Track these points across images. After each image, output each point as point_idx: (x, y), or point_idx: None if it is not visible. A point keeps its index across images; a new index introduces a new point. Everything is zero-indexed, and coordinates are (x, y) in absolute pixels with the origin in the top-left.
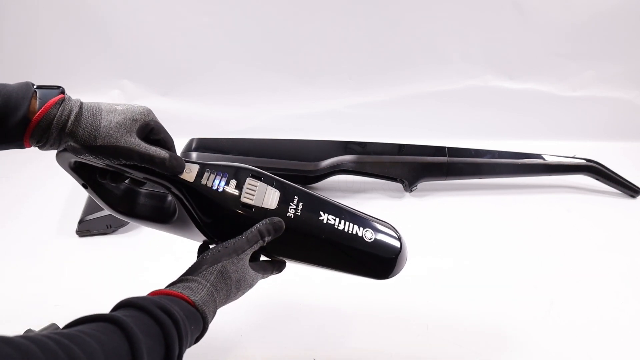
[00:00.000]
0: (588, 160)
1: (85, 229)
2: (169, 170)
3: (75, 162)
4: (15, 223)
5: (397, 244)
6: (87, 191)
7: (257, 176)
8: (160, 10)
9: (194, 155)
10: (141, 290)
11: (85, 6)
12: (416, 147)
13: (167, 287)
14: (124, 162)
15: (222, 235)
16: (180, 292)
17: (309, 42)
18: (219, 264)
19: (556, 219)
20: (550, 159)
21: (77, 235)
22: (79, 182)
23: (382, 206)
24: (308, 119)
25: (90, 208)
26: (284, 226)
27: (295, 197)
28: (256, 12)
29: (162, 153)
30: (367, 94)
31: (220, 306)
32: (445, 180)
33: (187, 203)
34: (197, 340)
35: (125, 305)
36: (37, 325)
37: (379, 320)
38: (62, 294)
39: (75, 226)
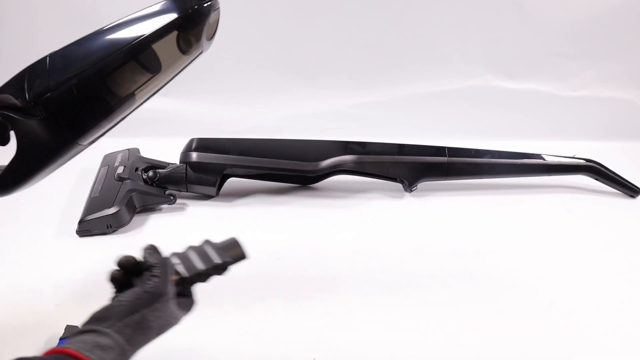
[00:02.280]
0: (588, 160)
1: (86, 229)
2: None
3: None
4: (15, 223)
5: None
6: None
7: None
8: None
9: (194, 155)
10: None
11: (85, 6)
12: (416, 147)
13: (71, 337)
14: None
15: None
16: (86, 355)
17: (309, 42)
18: (138, 315)
19: (556, 219)
20: (550, 159)
21: (77, 235)
22: None
23: (382, 206)
24: (308, 119)
25: (90, 208)
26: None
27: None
28: (256, 12)
29: None
30: (367, 94)
31: (135, 352)
32: (445, 180)
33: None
34: None
35: None
36: (38, 326)
37: (379, 320)
38: (62, 294)
39: (75, 226)
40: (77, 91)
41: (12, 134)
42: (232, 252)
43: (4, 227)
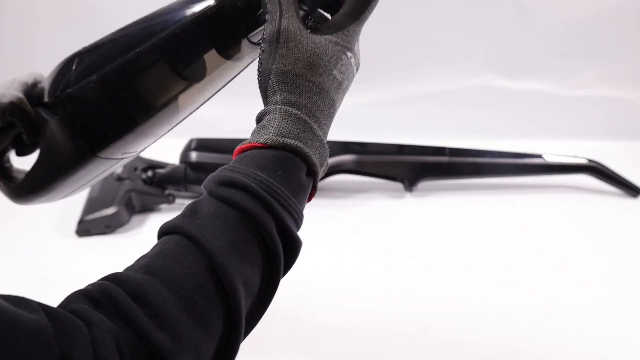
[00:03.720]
0: (589, 160)
1: (85, 229)
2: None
3: None
4: (15, 223)
5: None
6: None
7: None
8: None
9: (193, 155)
10: None
11: (85, 6)
12: (416, 147)
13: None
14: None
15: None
16: (249, 143)
17: None
18: (271, 75)
19: (557, 219)
20: (551, 159)
21: (76, 235)
22: None
23: (382, 206)
24: None
25: (90, 208)
26: None
27: None
28: None
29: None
30: (367, 94)
31: (328, 110)
32: (445, 180)
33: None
34: (314, 177)
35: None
36: None
37: (378, 320)
38: (62, 294)
39: (74, 226)
40: (97, 91)
41: None
42: None
43: (3, 227)
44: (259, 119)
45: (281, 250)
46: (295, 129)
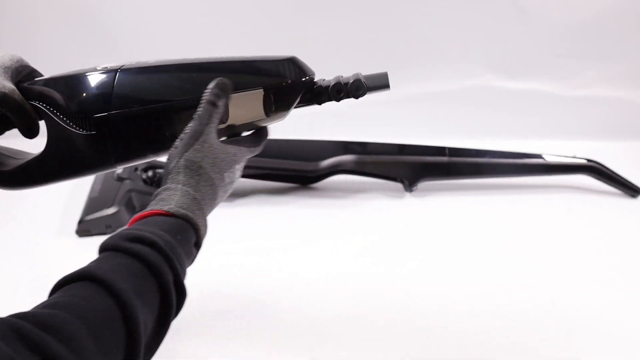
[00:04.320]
0: (589, 160)
1: (85, 229)
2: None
3: None
4: (15, 223)
5: (289, 55)
6: None
7: None
8: (161, 10)
9: None
10: None
11: (85, 6)
12: (416, 147)
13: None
14: None
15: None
16: (151, 210)
17: (309, 42)
18: (182, 160)
19: (557, 219)
20: (550, 159)
21: (76, 235)
22: None
23: (382, 206)
24: (308, 119)
25: (89, 208)
26: (230, 82)
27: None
28: (256, 12)
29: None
30: (367, 94)
31: (211, 201)
32: (445, 180)
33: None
34: (198, 246)
35: (100, 251)
36: None
37: (379, 320)
38: None
39: (74, 226)
40: (139, 122)
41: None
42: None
43: (3, 227)
44: (158, 193)
45: (175, 299)
46: (192, 206)
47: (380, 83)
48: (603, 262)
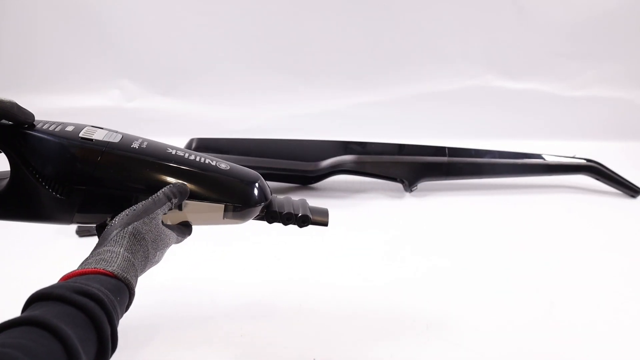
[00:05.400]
0: (588, 160)
1: (85, 229)
2: (20, 116)
3: None
4: (15, 223)
5: (256, 175)
6: None
7: (98, 127)
8: (161, 10)
9: None
10: (141, 289)
11: (85, 6)
12: (416, 147)
13: (79, 266)
14: None
15: (65, 180)
16: (95, 268)
17: (309, 42)
18: (130, 227)
19: (556, 219)
20: (550, 159)
21: (77, 236)
22: None
23: (382, 206)
24: (308, 119)
25: None
26: (189, 190)
27: (139, 138)
28: (256, 12)
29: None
30: (367, 94)
31: (141, 270)
32: (445, 180)
33: (24, 153)
34: (127, 308)
35: (39, 298)
36: None
37: (379, 320)
38: None
39: (75, 226)
40: (111, 198)
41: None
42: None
43: (4, 228)
44: (99, 253)
45: (110, 350)
46: (130, 272)
47: (321, 219)
48: (603, 262)
